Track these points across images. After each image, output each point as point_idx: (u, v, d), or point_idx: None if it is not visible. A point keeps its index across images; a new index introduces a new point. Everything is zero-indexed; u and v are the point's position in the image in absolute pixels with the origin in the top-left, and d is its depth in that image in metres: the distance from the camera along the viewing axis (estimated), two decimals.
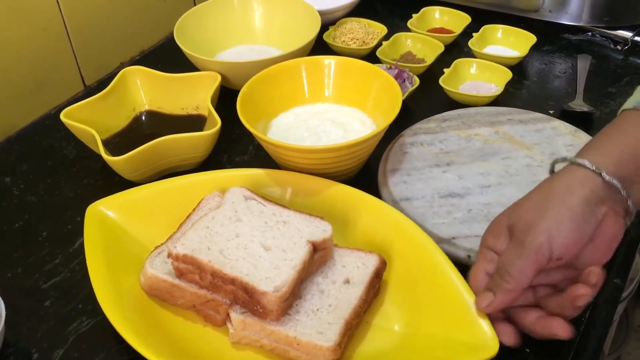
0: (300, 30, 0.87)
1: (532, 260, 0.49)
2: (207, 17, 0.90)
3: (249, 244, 0.55)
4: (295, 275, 0.52)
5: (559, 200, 0.50)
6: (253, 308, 0.52)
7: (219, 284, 0.53)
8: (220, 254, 0.54)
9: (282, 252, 0.55)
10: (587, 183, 0.50)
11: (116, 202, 0.64)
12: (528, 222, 0.50)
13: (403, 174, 0.70)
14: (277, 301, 0.51)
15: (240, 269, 0.53)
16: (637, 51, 0.92)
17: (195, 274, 0.54)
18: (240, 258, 0.54)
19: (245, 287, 0.52)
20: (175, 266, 0.55)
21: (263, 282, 0.51)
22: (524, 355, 0.55)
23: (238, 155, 0.78)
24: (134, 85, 0.80)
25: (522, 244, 0.50)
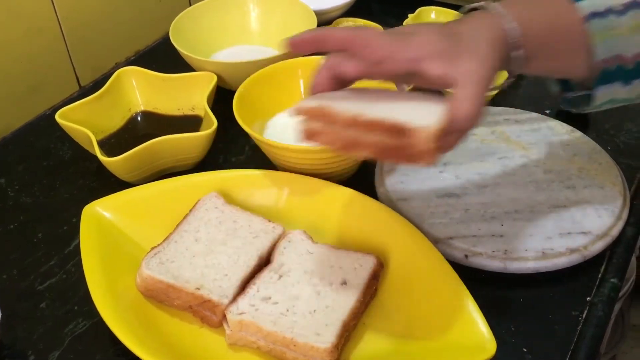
0: (296, 31, 0.84)
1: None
2: (203, 18, 0.90)
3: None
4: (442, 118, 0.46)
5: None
6: (405, 153, 0.45)
7: (358, 137, 0.46)
8: (353, 105, 0.47)
9: (418, 108, 0.48)
10: (493, 25, 0.50)
11: (112, 203, 0.64)
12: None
13: (400, 174, 0.70)
14: (430, 137, 0.44)
15: (382, 113, 0.46)
16: None
17: (330, 133, 0.47)
18: (381, 105, 0.48)
19: (393, 127, 0.45)
20: (306, 128, 0.48)
21: (410, 121, 0.45)
22: (522, 354, 0.55)
23: (234, 156, 0.77)
24: (130, 86, 0.80)
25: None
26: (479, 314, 0.51)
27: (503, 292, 0.60)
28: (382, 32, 0.50)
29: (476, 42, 0.49)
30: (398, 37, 0.49)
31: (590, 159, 0.70)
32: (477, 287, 0.55)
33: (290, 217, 0.64)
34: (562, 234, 0.61)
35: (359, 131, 0.46)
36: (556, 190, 0.66)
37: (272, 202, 0.65)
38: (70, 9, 0.87)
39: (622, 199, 0.65)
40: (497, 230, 0.62)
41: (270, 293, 0.55)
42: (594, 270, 0.61)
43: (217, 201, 0.64)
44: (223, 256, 0.59)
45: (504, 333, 0.56)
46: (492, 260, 0.60)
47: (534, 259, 0.59)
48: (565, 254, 0.60)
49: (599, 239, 0.61)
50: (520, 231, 0.62)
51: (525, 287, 0.60)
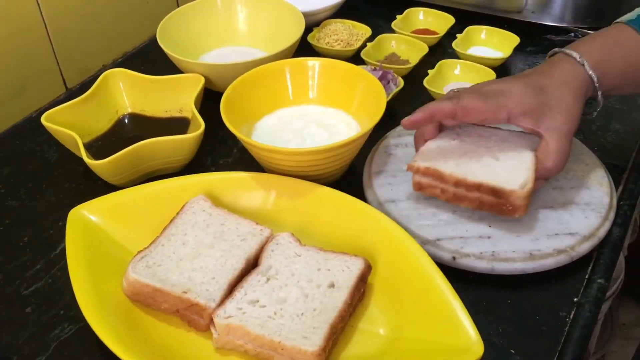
0: (284, 32, 0.86)
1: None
2: (191, 19, 0.90)
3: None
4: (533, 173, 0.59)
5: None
6: (502, 208, 0.59)
7: (462, 193, 0.60)
8: (457, 166, 0.61)
9: (512, 159, 0.61)
10: (575, 75, 0.60)
11: (98, 206, 0.63)
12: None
13: (388, 175, 0.70)
14: (525, 196, 0.57)
15: (482, 176, 0.59)
16: None
17: (437, 187, 0.61)
18: (481, 165, 0.61)
19: (493, 189, 0.58)
20: (417, 181, 0.62)
21: (507, 182, 0.58)
22: (510, 356, 0.55)
23: (222, 158, 0.77)
24: (117, 88, 0.79)
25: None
26: (466, 316, 0.51)
27: (491, 294, 0.60)
28: (477, 96, 0.60)
29: (560, 97, 0.59)
30: (491, 100, 0.59)
31: (577, 160, 0.70)
32: (465, 289, 0.55)
33: (278, 219, 0.64)
34: (549, 235, 0.61)
35: (463, 188, 0.60)
36: (543, 191, 0.66)
37: (260, 205, 0.65)
38: (56, 10, 0.86)
39: (608, 200, 0.65)
40: (485, 232, 0.62)
41: (258, 296, 0.55)
42: (581, 271, 0.62)
43: (205, 204, 0.63)
44: (210, 259, 0.58)
45: (491, 334, 0.56)
46: (480, 261, 0.60)
47: (522, 260, 0.59)
48: (552, 254, 0.60)
49: (586, 239, 0.61)
50: (507, 232, 0.62)
51: (513, 288, 0.60)
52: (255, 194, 0.66)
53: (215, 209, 0.63)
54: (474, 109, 0.60)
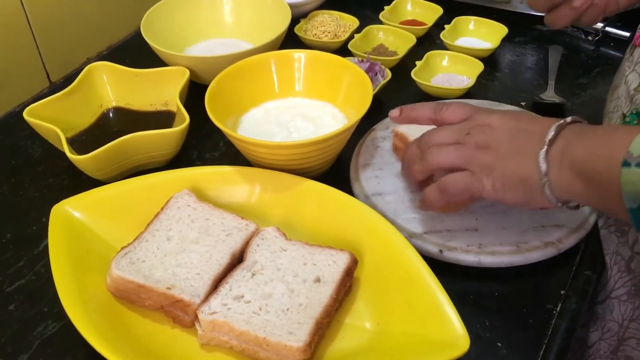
0: (270, 24, 0.85)
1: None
2: (175, 11, 0.88)
3: None
4: None
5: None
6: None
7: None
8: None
9: None
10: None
11: (82, 202, 0.62)
12: None
13: (375, 168, 0.69)
14: None
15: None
16: (607, 42, 0.93)
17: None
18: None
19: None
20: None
21: None
22: (496, 349, 0.55)
23: (208, 152, 0.76)
24: (101, 81, 0.78)
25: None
26: (452, 310, 0.51)
27: (477, 287, 0.60)
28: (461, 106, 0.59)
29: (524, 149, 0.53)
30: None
31: None
32: (452, 282, 0.55)
33: (264, 214, 0.63)
34: (536, 228, 0.61)
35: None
36: None
37: (246, 199, 0.65)
38: (39, 3, 0.85)
39: None
40: (472, 225, 0.62)
41: (243, 292, 0.54)
42: (568, 263, 0.62)
43: (190, 199, 0.63)
44: (195, 255, 0.58)
45: (478, 328, 0.56)
46: (467, 254, 0.59)
47: (509, 253, 0.59)
48: (539, 247, 0.60)
49: (573, 232, 0.61)
50: (494, 225, 0.62)
51: (500, 281, 0.60)
52: (240, 188, 0.65)
53: (200, 203, 0.62)
54: (452, 120, 0.59)
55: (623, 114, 0.59)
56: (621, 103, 0.61)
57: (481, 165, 0.54)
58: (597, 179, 0.46)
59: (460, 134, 0.56)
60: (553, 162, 0.49)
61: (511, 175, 0.52)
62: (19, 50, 0.85)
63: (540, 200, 0.51)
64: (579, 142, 0.48)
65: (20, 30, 0.84)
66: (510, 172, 0.52)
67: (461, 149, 0.55)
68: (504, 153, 0.52)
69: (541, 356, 0.54)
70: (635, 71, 0.59)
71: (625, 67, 0.62)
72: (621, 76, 0.62)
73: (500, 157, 0.53)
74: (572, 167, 0.48)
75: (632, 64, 0.60)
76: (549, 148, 0.50)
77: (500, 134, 0.53)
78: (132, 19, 0.95)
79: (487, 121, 0.55)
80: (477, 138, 0.54)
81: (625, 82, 0.60)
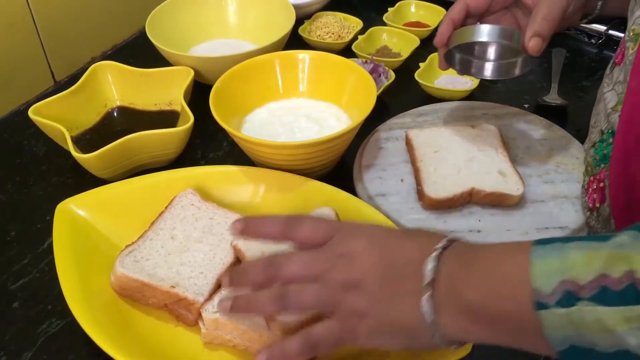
0: (274, 24, 0.86)
1: None
2: (180, 11, 0.89)
3: None
4: None
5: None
6: None
7: None
8: None
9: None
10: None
11: (86, 201, 0.63)
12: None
13: (378, 169, 0.69)
14: None
15: None
16: (610, 45, 0.93)
17: None
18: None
19: None
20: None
21: None
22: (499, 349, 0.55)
23: (212, 152, 0.77)
24: (105, 81, 0.79)
25: None
26: None
27: None
28: None
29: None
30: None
31: (568, 154, 0.70)
32: None
33: (267, 213, 0.63)
34: (539, 229, 0.61)
35: None
36: (534, 185, 0.66)
37: (250, 199, 0.65)
38: (44, 2, 0.85)
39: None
40: (475, 226, 0.62)
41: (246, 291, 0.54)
42: None
43: (194, 198, 0.63)
44: (199, 254, 0.58)
45: None
46: None
47: None
48: None
49: (575, 233, 0.61)
50: (497, 226, 0.62)
51: None
52: (244, 188, 0.65)
53: (204, 203, 0.62)
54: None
55: (601, 130, 0.59)
56: (600, 119, 0.61)
57: (351, 312, 0.45)
58: (506, 325, 0.40)
59: (320, 267, 0.46)
60: (440, 309, 0.42)
61: (391, 323, 0.44)
62: (24, 49, 0.85)
63: (428, 345, 0.44)
64: (466, 282, 0.41)
65: (26, 30, 0.85)
66: (388, 319, 0.44)
67: (326, 292, 0.45)
68: (377, 297, 0.44)
69: (544, 356, 0.54)
70: (614, 90, 0.58)
71: (605, 84, 0.61)
72: (601, 92, 0.63)
73: (373, 300, 0.44)
74: (466, 311, 0.41)
75: (612, 83, 0.60)
76: (433, 293, 0.42)
77: (368, 269, 0.45)
78: (137, 19, 0.95)
79: (351, 250, 0.45)
80: (341, 275, 0.45)
81: (603, 99, 0.60)
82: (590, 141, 0.62)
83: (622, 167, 0.53)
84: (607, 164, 0.57)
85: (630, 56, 0.55)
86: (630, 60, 0.55)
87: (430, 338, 0.43)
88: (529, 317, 0.38)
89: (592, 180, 0.60)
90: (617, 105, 0.57)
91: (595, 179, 0.59)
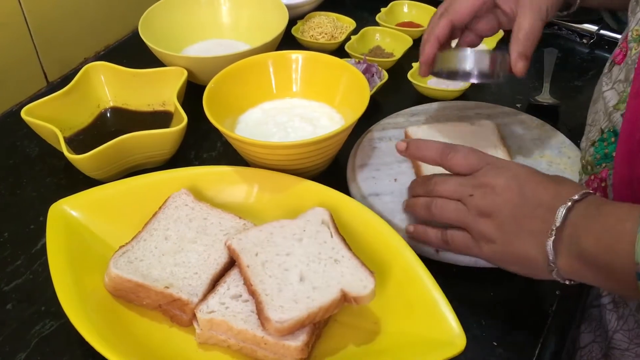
0: (268, 25, 0.86)
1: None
2: (173, 11, 0.89)
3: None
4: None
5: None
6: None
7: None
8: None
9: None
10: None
11: (80, 201, 0.62)
12: None
13: (372, 169, 0.70)
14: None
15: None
16: (602, 45, 0.93)
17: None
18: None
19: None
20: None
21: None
22: (492, 348, 0.55)
23: (206, 152, 0.77)
24: (98, 81, 0.78)
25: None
26: (449, 309, 0.52)
27: (474, 287, 0.60)
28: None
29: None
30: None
31: (560, 153, 0.71)
32: (448, 282, 0.55)
33: (261, 213, 0.63)
34: None
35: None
36: None
37: (243, 199, 0.65)
38: (36, 2, 0.85)
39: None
40: None
41: (241, 291, 0.54)
42: None
43: (187, 198, 0.63)
44: (193, 254, 0.58)
45: (474, 327, 0.56)
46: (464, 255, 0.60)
47: None
48: None
49: None
50: None
51: (496, 282, 0.60)
52: (238, 188, 0.65)
53: (198, 203, 0.62)
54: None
55: (601, 129, 0.59)
56: (599, 118, 0.61)
57: (481, 234, 0.53)
58: (611, 274, 0.46)
59: (464, 192, 0.55)
60: (561, 250, 0.49)
61: (514, 253, 0.52)
62: (16, 49, 0.85)
63: (545, 277, 0.51)
64: (587, 231, 0.47)
65: (18, 30, 0.84)
66: (513, 249, 0.52)
67: (463, 212, 0.55)
68: (506, 229, 0.52)
69: (536, 355, 0.55)
70: (614, 89, 0.59)
71: (603, 83, 0.61)
72: (599, 91, 0.63)
73: (503, 231, 0.52)
74: (581, 257, 0.47)
75: (611, 82, 0.60)
76: (557, 237, 0.48)
77: (503, 203, 0.52)
78: (130, 19, 0.95)
79: (492, 183, 0.53)
80: (479, 202, 0.53)
81: (602, 97, 0.60)
82: (589, 140, 0.62)
83: (626, 168, 0.53)
84: (608, 163, 0.58)
85: (634, 56, 0.55)
86: (633, 60, 0.55)
87: (549, 273, 0.50)
88: (632, 276, 0.43)
89: (592, 179, 0.60)
90: (618, 104, 0.57)
91: (596, 177, 0.60)
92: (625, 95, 0.55)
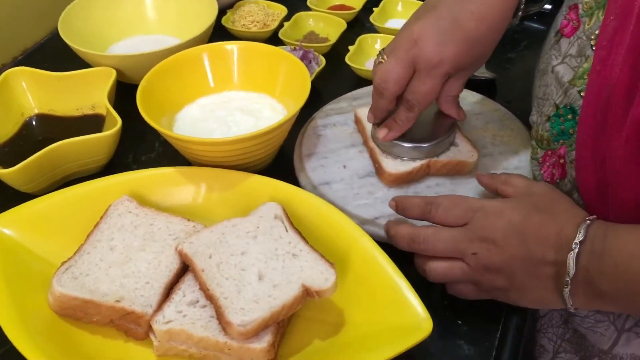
0: (197, 17, 0.82)
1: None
2: (95, 8, 0.84)
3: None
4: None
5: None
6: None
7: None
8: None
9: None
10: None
11: (12, 218, 0.58)
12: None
13: (319, 157, 0.68)
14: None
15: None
16: (531, 16, 0.94)
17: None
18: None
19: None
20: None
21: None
22: (457, 326, 0.55)
23: (144, 154, 0.73)
24: (20, 88, 0.73)
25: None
26: (412, 293, 0.51)
27: None
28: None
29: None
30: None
31: (503, 126, 0.71)
32: (408, 266, 0.55)
33: (210, 213, 0.61)
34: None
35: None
36: None
37: (191, 200, 0.62)
38: None
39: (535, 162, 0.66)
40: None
41: (197, 296, 0.52)
42: None
43: (130, 204, 0.60)
44: (142, 263, 0.55)
45: (437, 307, 0.56)
46: None
47: None
48: None
49: None
50: None
51: None
52: (184, 189, 0.63)
53: (142, 208, 0.59)
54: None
55: (556, 104, 0.58)
56: (551, 92, 0.59)
57: (492, 287, 0.52)
58: (631, 306, 0.48)
59: (465, 251, 0.52)
60: (577, 293, 0.49)
61: (530, 298, 0.52)
62: None
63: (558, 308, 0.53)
64: (601, 274, 0.47)
65: None
66: (529, 296, 0.52)
67: (469, 271, 0.52)
68: (518, 280, 0.51)
69: (500, 329, 0.55)
70: (566, 64, 0.57)
71: (552, 56, 0.60)
72: (547, 62, 0.61)
73: (515, 282, 0.51)
74: (598, 296, 0.48)
75: (561, 55, 0.58)
76: (571, 284, 0.48)
77: (509, 258, 0.50)
78: (48, 19, 0.89)
79: (492, 237, 0.51)
80: (485, 261, 0.51)
81: (552, 71, 0.59)
82: (544, 114, 0.61)
83: (589, 148, 0.52)
84: (566, 140, 0.57)
85: (587, 31, 0.55)
86: (587, 36, 0.55)
87: (566, 308, 0.50)
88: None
89: (549, 155, 0.60)
90: (574, 80, 0.56)
91: (554, 153, 0.59)
92: (582, 71, 0.55)
